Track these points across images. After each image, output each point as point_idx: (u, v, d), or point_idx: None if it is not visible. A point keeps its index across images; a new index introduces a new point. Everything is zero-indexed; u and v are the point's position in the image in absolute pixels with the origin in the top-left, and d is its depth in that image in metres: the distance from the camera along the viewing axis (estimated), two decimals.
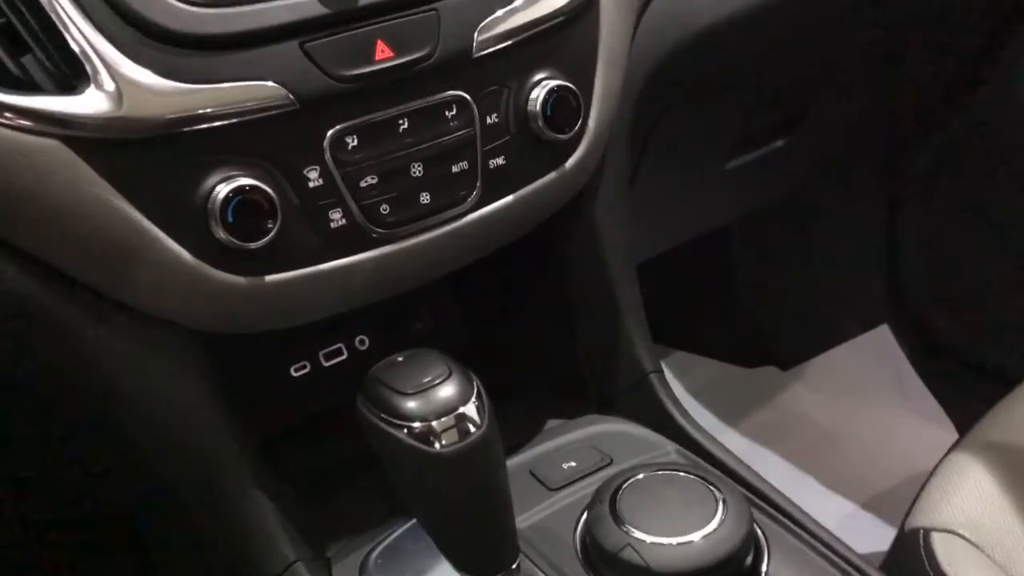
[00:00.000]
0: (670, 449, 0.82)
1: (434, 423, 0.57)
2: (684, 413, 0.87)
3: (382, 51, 0.66)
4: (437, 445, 0.58)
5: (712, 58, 0.99)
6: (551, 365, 0.96)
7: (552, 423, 0.91)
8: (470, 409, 0.59)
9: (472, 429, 0.58)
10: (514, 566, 0.63)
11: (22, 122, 0.57)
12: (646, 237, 1.23)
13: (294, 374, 0.90)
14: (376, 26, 0.66)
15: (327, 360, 0.91)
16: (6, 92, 0.57)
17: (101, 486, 0.87)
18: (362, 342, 0.93)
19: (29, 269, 0.62)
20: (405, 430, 0.58)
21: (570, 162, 0.78)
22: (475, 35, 0.70)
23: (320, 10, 0.64)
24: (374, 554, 0.74)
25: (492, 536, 0.62)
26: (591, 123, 0.78)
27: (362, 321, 0.92)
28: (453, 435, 0.58)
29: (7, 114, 0.57)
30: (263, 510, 0.73)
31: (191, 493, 0.73)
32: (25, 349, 0.66)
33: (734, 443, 1.48)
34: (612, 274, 0.88)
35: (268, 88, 0.62)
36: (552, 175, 0.77)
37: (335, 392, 0.88)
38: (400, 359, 0.62)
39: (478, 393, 0.60)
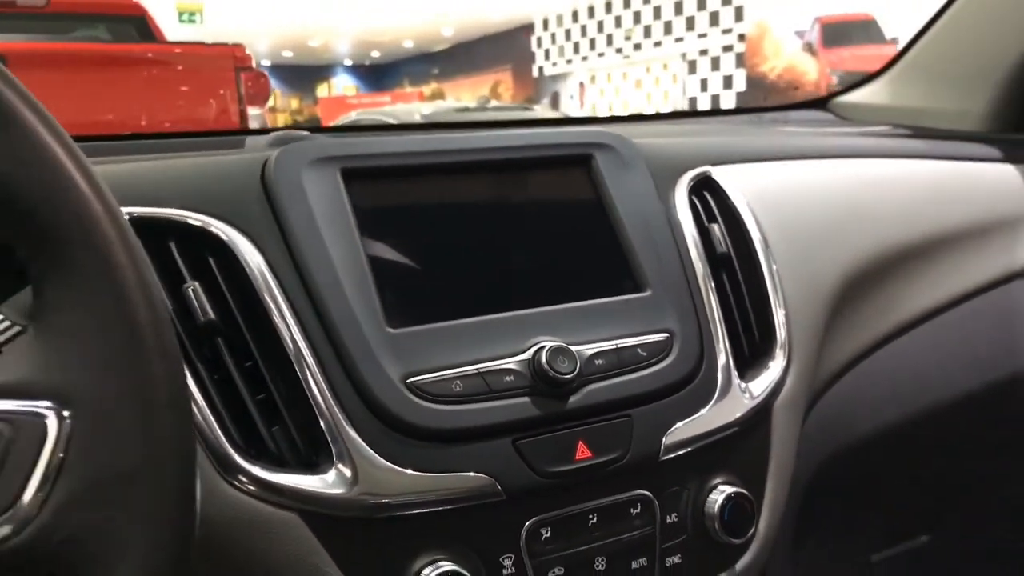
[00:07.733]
0: None
1: None
2: None
3: (582, 451, 0.73)
4: None
5: (862, 467, 0.99)
6: None
7: None
8: None
9: None
10: None
11: (270, 495, 0.65)
12: None
13: None
14: (579, 428, 0.74)
15: None
16: (262, 468, 0.65)
17: None
18: None
19: None
20: None
21: (740, 564, 0.81)
22: (663, 440, 0.76)
23: (534, 411, 0.72)
24: None
25: None
26: (761, 528, 0.82)
27: None
28: None
29: (261, 488, 0.65)
30: None
31: None
32: None
33: None
34: None
35: (482, 480, 0.70)
36: None
37: None
38: None
39: None
